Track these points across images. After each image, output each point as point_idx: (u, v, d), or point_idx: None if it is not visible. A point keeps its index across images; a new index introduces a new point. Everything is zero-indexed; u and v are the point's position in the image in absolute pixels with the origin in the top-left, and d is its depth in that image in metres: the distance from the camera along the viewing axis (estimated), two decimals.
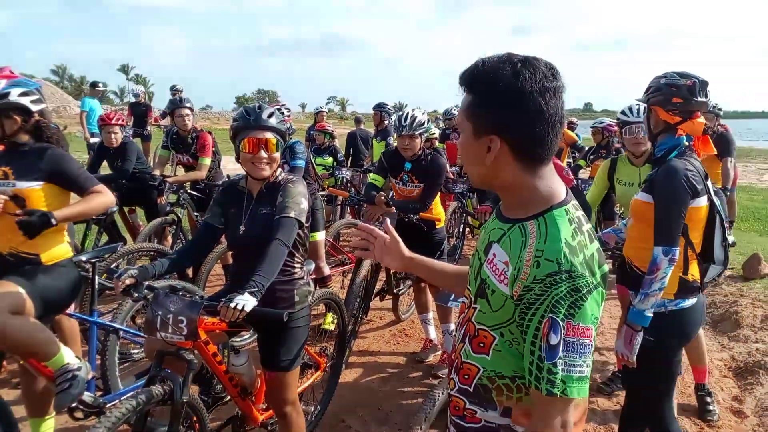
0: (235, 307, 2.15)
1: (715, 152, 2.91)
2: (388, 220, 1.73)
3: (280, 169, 2.70)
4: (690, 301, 2.46)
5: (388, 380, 4.11)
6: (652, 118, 2.55)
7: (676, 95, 2.45)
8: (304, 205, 2.60)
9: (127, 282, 2.31)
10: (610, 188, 4.05)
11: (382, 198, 4.17)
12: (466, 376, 1.37)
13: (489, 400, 1.33)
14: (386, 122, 8.42)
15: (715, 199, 2.44)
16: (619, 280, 3.90)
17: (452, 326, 4.32)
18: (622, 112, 3.88)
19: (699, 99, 2.45)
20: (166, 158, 5.95)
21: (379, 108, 8.66)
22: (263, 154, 2.53)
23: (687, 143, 2.49)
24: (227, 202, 2.69)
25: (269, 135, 2.55)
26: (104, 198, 2.82)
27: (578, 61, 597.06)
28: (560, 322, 1.17)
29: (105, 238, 5.44)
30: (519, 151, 1.25)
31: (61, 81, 68.24)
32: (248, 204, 2.65)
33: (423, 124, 4.07)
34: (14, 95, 2.70)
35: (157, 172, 5.55)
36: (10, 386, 3.64)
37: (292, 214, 2.52)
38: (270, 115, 2.57)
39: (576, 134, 10.59)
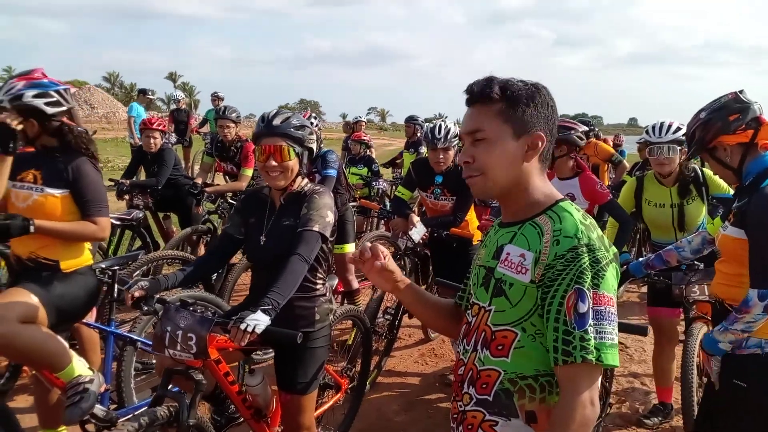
0: (245, 329, 2.01)
1: None
2: (379, 246, 1.56)
3: (306, 180, 2.57)
4: None
5: (414, 403, 3.91)
6: (723, 154, 2.25)
7: (729, 113, 2.20)
8: (330, 218, 2.45)
9: (137, 295, 2.21)
10: (636, 208, 3.74)
11: (414, 218, 4.00)
12: (484, 385, 1.36)
13: (510, 406, 1.32)
14: (418, 134, 8.58)
15: None
16: (650, 303, 3.69)
17: None
18: (646, 132, 3.64)
19: (752, 101, 2.21)
20: (209, 165, 5.94)
21: (412, 121, 8.88)
22: (273, 162, 2.39)
23: None
24: (248, 212, 2.57)
25: (281, 142, 2.41)
26: (95, 231, 2.70)
27: (621, 75, 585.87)
28: (587, 292, 1.23)
29: (138, 243, 5.43)
30: (546, 149, 1.38)
31: (112, 88, 70.60)
32: (270, 214, 2.52)
33: (456, 135, 3.91)
34: (28, 97, 2.60)
35: (199, 180, 5.51)
36: (28, 392, 3.59)
37: (315, 228, 2.38)
38: (284, 121, 2.43)
39: (622, 150, 10.24)
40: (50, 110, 2.65)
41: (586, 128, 3.94)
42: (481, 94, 1.36)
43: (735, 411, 2.18)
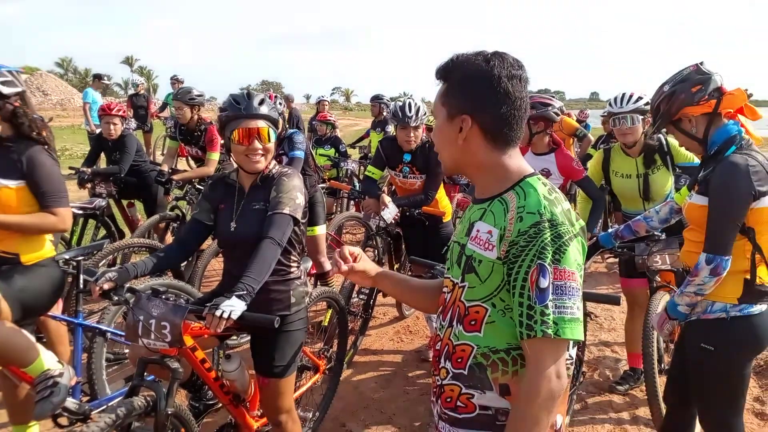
0: (221, 316, 1.97)
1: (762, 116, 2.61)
2: (347, 249, 1.66)
3: (274, 162, 2.52)
4: (760, 307, 2.18)
5: (391, 380, 3.94)
6: (688, 126, 2.28)
7: (692, 85, 2.23)
8: (300, 200, 2.41)
9: (105, 286, 2.13)
10: (605, 180, 3.82)
11: (385, 198, 3.98)
12: (459, 359, 1.38)
13: (484, 380, 1.34)
14: (384, 113, 8.52)
15: None
16: (623, 274, 3.79)
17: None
18: (609, 103, 3.72)
19: (713, 72, 2.24)
20: (174, 149, 5.75)
21: (377, 100, 8.81)
22: (257, 144, 2.34)
23: (742, 134, 2.22)
24: (217, 197, 2.50)
25: (262, 124, 2.36)
26: (55, 222, 2.60)
27: (582, 50, 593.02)
28: (548, 267, 1.25)
29: (103, 232, 5.29)
30: (488, 131, 1.36)
31: (65, 73, 68.04)
32: (239, 199, 2.46)
33: (425, 113, 3.89)
34: None
35: (165, 167, 5.35)
36: None
37: (286, 210, 2.34)
38: (261, 102, 2.38)
39: (587, 124, 10.38)
40: (5, 90, 2.55)
41: (562, 104, 3.96)
42: (437, 74, 1.42)
43: (702, 374, 2.25)
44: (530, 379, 1.26)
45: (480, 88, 1.33)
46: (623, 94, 3.55)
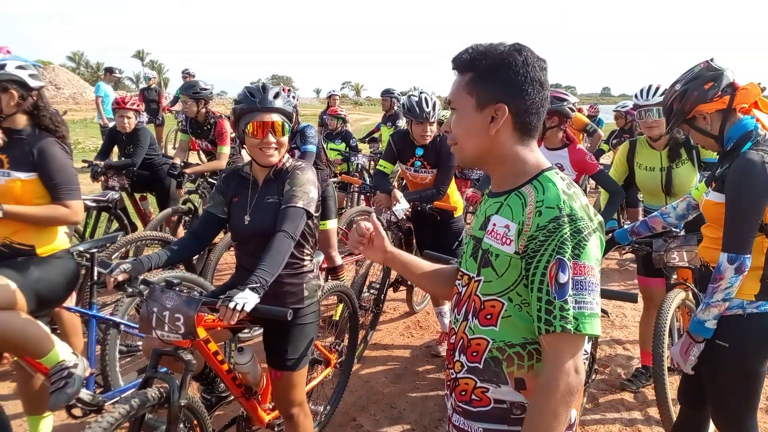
0: (234, 308, 1.97)
1: None
2: (374, 215, 1.69)
3: (287, 155, 2.51)
4: None
5: (402, 375, 3.94)
6: (703, 123, 2.25)
7: (704, 82, 2.20)
8: (313, 193, 2.41)
9: (120, 279, 2.14)
10: (630, 173, 3.78)
11: (397, 194, 3.97)
12: (474, 353, 1.38)
13: (499, 374, 1.34)
14: (395, 108, 8.50)
15: None
16: (641, 272, 3.74)
17: (446, 308, 4.20)
18: (635, 95, 3.67)
19: (724, 67, 2.21)
20: (186, 143, 5.76)
21: (388, 94, 8.78)
22: (271, 138, 2.34)
23: (758, 129, 2.18)
24: (230, 191, 2.51)
25: (276, 117, 2.36)
26: (67, 214, 2.62)
27: (594, 44, 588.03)
28: (567, 262, 1.24)
29: (115, 225, 5.32)
30: (518, 121, 1.34)
31: (77, 67, 68.45)
32: (253, 192, 2.46)
33: (440, 108, 3.88)
34: (11, 67, 2.56)
35: (177, 160, 5.37)
36: (11, 379, 3.53)
37: (299, 204, 2.34)
38: (276, 96, 2.38)
39: (599, 119, 10.32)
40: (32, 82, 2.61)
41: (576, 99, 3.93)
42: (454, 63, 1.38)
43: (716, 371, 2.22)
44: (549, 374, 1.25)
45: (514, 75, 1.31)
46: (649, 87, 3.52)
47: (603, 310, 3.04)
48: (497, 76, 1.32)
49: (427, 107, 3.78)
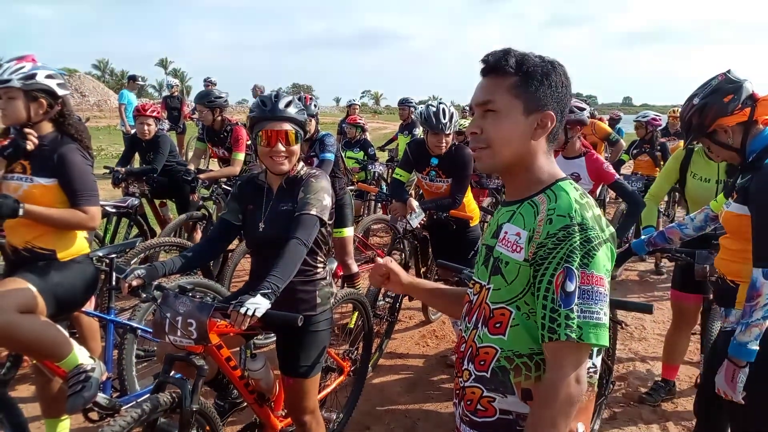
0: (245, 313, 1.98)
1: None
2: (388, 259, 1.77)
3: (302, 163, 2.53)
4: None
5: (417, 384, 3.92)
6: (725, 137, 2.22)
7: (724, 95, 2.17)
8: (327, 201, 2.42)
9: (134, 283, 2.17)
10: (680, 180, 3.57)
11: (413, 203, 3.97)
12: (482, 362, 1.37)
13: (506, 383, 1.33)
14: (413, 117, 8.54)
15: None
16: (677, 286, 3.63)
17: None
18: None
19: (743, 79, 2.18)
20: (202, 151, 5.85)
21: (406, 104, 8.83)
22: (281, 147, 2.36)
23: None
24: (245, 198, 2.53)
25: (287, 126, 2.37)
26: (85, 220, 2.64)
27: (615, 54, 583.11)
28: (575, 271, 1.23)
29: (135, 230, 5.40)
30: (555, 129, 1.36)
31: (102, 75, 69.91)
32: (268, 200, 2.48)
33: (458, 119, 3.89)
34: (41, 77, 2.62)
35: (192, 166, 5.45)
36: (30, 382, 3.58)
37: (313, 212, 2.35)
38: (288, 104, 2.39)
39: (619, 129, 10.22)
40: (60, 91, 2.68)
41: (592, 108, 3.92)
42: (496, 65, 1.33)
43: (747, 388, 2.13)
44: (550, 383, 1.24)
45: (560, 85, 1.34)
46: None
47: (621, 322, 3.00)
48: (546, 82, 1.32)
49: (444, 118, 3.77)
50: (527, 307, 1.31)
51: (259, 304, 2.02)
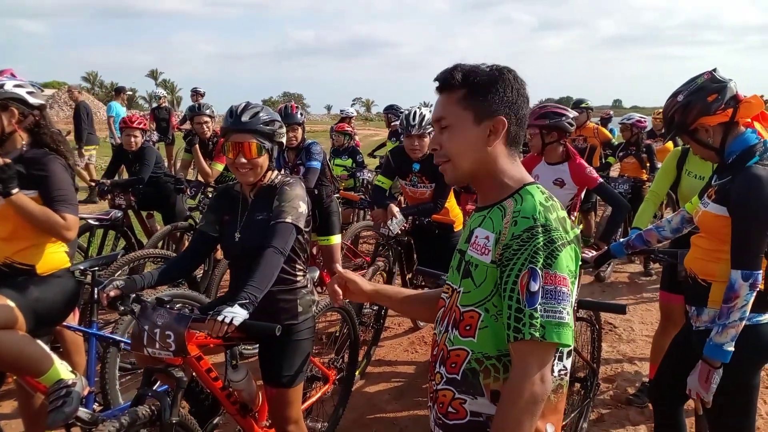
0: (222, 321, 1.98)
1: None
2: (342, 270, 1.72)
3: (276, 172, 2.53)
4: (766, 317, 2.14)
5: (405, 391, 3.91)
6: (705, 136, 2.23)
7: (708, 94, 2.18)
8: (302, 208, 2.42)
9: (112, 294, 2.17)
10: (676, 178, 3.56)
11: (393, 209, 3.97)
12: (453, 365, 1.39)
13: (476, 385, 1.35)
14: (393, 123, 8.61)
15: None
16: (665, 287, 3.61)
17: None
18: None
19: (728, 79, 2.19)
20: (188, 162, 5.89)
21: (392, 110, 8.86)
22: (242, 159, 2.34)
23: (766, 143, 2.16)
24: (222, 209, 2.53)
25: (250, 138, 2.35)
26: (62, 225, 2.58)
27: (605, 57, 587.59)
28: (539, 271, 1.25)
29: (122, 243, 5.38)
30: (511, 135, 1.39)
31: (92, 87, 69.75)
32: (243, 210, 2.48)
33: (430, 122, 3.89)
34: (9, 86, 2.60)
35: (181, 176, 5.48)
36: (14, 398, 3.55)
37: (288, 219, 2.35)
38: (253, 116, 2.36)
39: (611, 130, 10.30)
40: (31, 99, 2.65)
41: (576, 114, 3.88)
42: (445, 82, 1.39)
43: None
44: (514, 382, 1.26)
45: (509, 90, 1.37)
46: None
47: (609, 323, 2.98)
48: (494, 90, 1.36)
49: (413, 121, 3.80)
50: (495, 309, 1.33)
51: (236, 313, 2.02)
